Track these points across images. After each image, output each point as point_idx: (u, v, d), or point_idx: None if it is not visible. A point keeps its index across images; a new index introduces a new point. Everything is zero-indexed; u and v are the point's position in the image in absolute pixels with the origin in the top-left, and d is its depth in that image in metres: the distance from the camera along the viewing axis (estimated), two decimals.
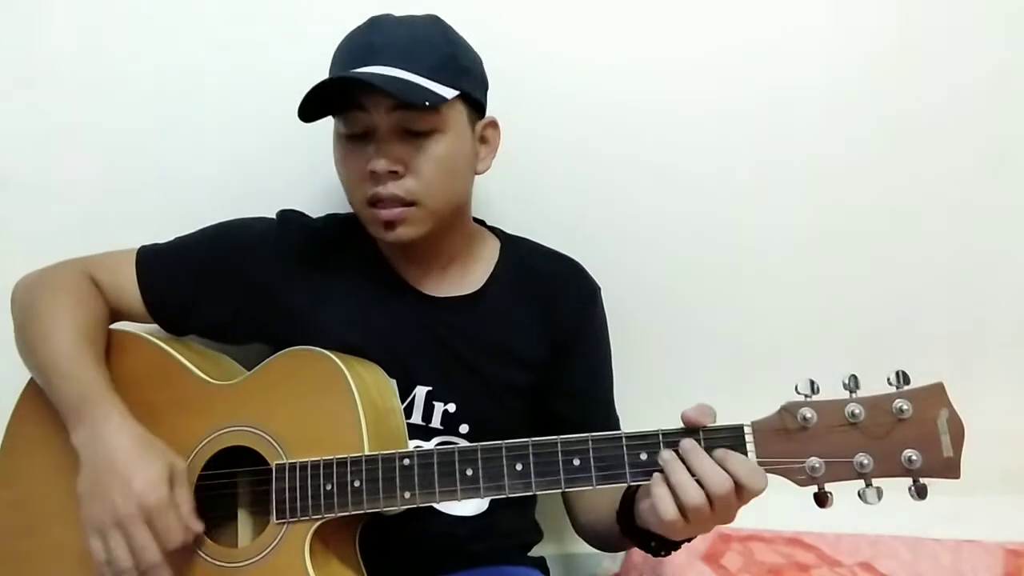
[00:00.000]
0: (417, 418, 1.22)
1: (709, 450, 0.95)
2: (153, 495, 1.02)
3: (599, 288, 1.33)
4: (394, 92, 1.07)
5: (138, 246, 1.28)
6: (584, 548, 1.30)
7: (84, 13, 1.40)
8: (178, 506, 1.05)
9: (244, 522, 1.19)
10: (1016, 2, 1.52)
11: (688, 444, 0.96)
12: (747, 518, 1.42)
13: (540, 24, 1.46)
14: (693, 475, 0.94)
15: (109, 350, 1.20)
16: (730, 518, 0.96)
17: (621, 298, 1.36)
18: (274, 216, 1.30)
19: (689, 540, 1.05)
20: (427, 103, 1.09)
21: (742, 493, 0.94)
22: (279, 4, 1.43)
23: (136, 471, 1.03)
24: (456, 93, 1.13)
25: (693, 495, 0.93)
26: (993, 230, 1.59)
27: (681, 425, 0.98)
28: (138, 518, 1.01)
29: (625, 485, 1.04)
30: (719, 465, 0.94)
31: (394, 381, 1.20)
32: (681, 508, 0.93)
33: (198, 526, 1.07)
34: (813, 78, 1.52)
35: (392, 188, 1.13)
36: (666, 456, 0.96)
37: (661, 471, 0.96)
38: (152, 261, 1.26)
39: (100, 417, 1.07)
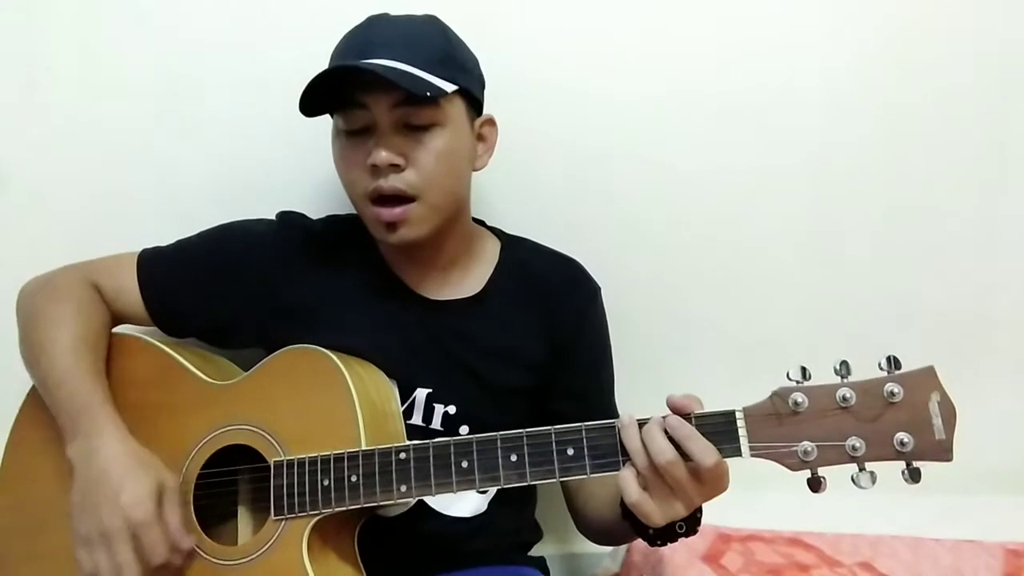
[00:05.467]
0: (417, 420, 1.22)
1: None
2: (139, 510, 1.02)
3: (599, 288, 1.33)
4: (396, 80, 1.08)
5: (139, 249, 1.28)
6: (584, 548, 1.30)
7: (85, 13, 1.41)
8: (166, 523, 1.04)
9: (244, 520, 1.19)
10: (1016, 1, 1.53)
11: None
12: (747, 518, 1.44)
13: (540, 24, 1.47)
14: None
15: (110, 353, 1.21)
16: (690, 499, 0.96)
17: (621, 297, 1.36)
18: (274, 218, 1.30)
19: (686, 534, 1.04)
20: (428, 93, 1.10)
21: (692, 466, 0.94)
22: (280, 4, 1.43)
23: (124, 485, 1.03)
24: (455, 88, 1.15)
25: (640, 460, 0.95)
26: (993, 229, 1.59)
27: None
28: (123, 533, 1.01)
29: None
30: (665, 435, 0.95)
31: (395, 385, 1.20)
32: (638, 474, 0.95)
33: (188, 542, 1.06)
34: (813, 75, 1.52)
35: (393, 181, 1.14)
36: (624, 421, 0.98)
37: None
38: (153, 265, 1.27)
39: (94, 431, 1.08)
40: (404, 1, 1.20)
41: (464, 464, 1.03)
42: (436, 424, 1.22)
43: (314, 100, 1.13)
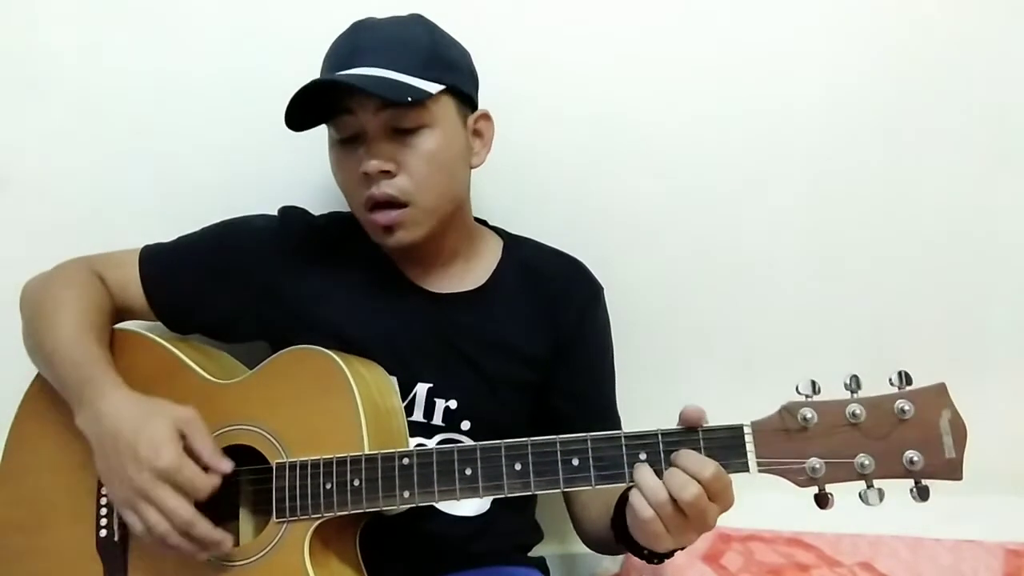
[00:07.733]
0: (418, 415, 1.22)
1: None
2: (163, 457, 1.00)
3: (602, 288, 1.33)
4: (374, 90, 1.08)
5: (141, 245, 1.28)
6: (584, 548, 1.30)
7: (84, 13, 1.40)
8: (198, 453, 1.03)
9: (245, 521, 1.19)
10: (1015, 2, 1.52)
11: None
12: (747, 518, 1.43)
13: (540, 24, 1.46)
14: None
15: (112, 349, 1.20)
16: (708, 525, 0.96)
17: (623, 298, 1.36)
18: (276, 213, 1.30)
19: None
20: (409, 99, 1.09)
21: (709, 492, 0.93)
22: (279, 4, 1.43)
23: (140, 438, 1.02)
24: (441, 87, 1.14)
25: (659, 496, 0.93)
26: (993, 231, 1.59)
27: (680, 425, 0.98)
28: (157, 483, 1.00)
29: (620, 491, 1.04)
30: (682, 470, 0.94)
31: (395, 380, 1.20)
32: (655, 509, 0.94)
33: (226, 464, 1.05)
34: (814, 78, 1.52)
35: (385, 188, 1.13)
36: (637, 466, 0.97)
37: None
38: (155, 260, 1.27)
39: (98, 395, 1.08)
40: (403, 2, 1.19)
41: (468, 472, 1.03)
42: (437, 420, 1.22)
43: (303, 113, 1.13)
